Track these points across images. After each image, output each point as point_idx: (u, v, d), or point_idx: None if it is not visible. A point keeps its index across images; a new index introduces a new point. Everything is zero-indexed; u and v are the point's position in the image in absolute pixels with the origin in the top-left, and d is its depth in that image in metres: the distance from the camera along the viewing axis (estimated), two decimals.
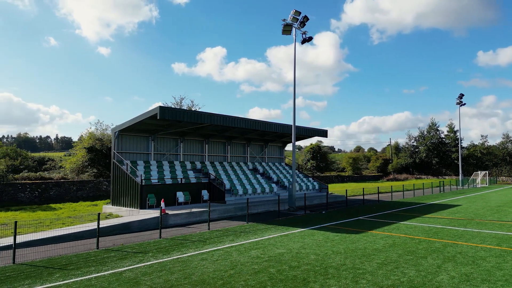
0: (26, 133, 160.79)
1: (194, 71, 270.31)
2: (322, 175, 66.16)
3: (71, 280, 9.20)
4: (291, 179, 31.46)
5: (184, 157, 27.80)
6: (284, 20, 23.84)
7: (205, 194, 23.79)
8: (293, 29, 24.57)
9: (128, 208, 21.21)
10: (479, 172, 61.86)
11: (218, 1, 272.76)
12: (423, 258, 11.18)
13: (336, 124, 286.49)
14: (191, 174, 25.47)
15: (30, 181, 30.22)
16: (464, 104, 59.74)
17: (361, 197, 33.71)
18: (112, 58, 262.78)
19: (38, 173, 33.43)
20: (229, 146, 31.08)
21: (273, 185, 28.69)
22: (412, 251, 12.14)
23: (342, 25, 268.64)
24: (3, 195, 28.34)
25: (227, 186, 25.40)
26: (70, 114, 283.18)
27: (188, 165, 27.12)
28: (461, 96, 59.33)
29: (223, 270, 10.01)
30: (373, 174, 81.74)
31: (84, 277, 9.44)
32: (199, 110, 42.77)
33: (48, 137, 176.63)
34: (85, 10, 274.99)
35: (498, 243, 13.48)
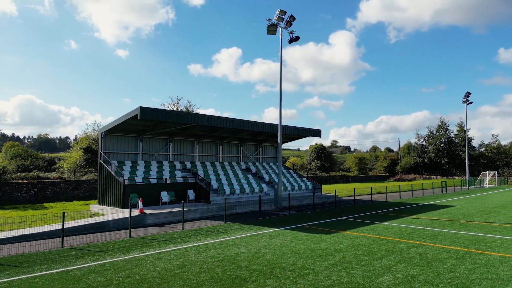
0: (46, 134, 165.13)
1: (210, 72, 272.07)
2: (327, 175, 65.71)
3: (17, 278, 9.38)
4: (284, 179, 31.38)
5: (174, 157, 28.00)
6: (269, 20, 23.78)
7: (191, 194, 23.91)
8: (279, 29, 24.49)
9: (113, 208, 21.48)
10: (487, 172, 60.43)
11: (233, 2, 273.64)
12: (378, 259, 11.01)
13: (353, 124, 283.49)
14: (178, 174, 25.63)
15: (26, 181, 30.91)
16: (471, 102, 58.48)
17: (362, 197, 33.40)
18: (129, 60, 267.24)
19: (35, 172, 34.18)
20: (221, 146, 31.16)
21: (264, 185, 28.64)
22: (372, 252, 11.96)
23: (358, 23, 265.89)
24: (0, 195, 29.06)
25: (214, 186, 25.48)
26: (90, 115, 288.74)
27: (178, 165, 27.30)
28: (468, 94, 58.06)
29: (170, 269, 10.06)
30: (380, 174, 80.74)
31: (31, 275, 9.60)
32: (196, 110, 43.10)
33: (67, 137, 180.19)
34: (104, 13, 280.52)
35: (467, 244, 13.17)
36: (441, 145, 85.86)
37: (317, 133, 32.41)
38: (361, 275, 9.38)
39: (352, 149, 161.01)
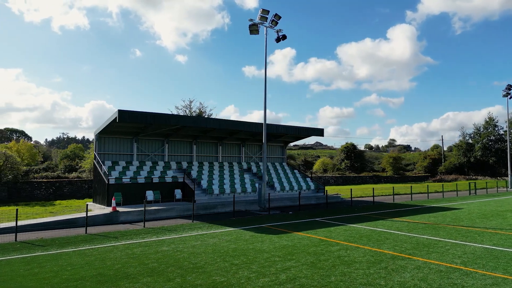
0: None
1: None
2: (356, 175, 63.73)
3: None
4: (285, 179, 31.13)
5: (170, 158, 28.87)
6: (251, 20, 23.77)
7: (178, 193, 24.58)
8: (264, 28, 24.40)
9: (100, 205, 22.73)
10: None
11: (287, 3, 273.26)
12: (288, 261, 10.77)
13: (415, 121, 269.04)
14: (170, 173, 26.41)
15: (46, 180, 33.54)
16: None
17: (368, 198, 32.15)
18: (188, 65, 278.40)
19: (56, 172, 36.95)
20: (220, 147, 31.58)
21: (257, 185, 28.59)
22: (293, 253, 11.70)
23: (419, 16, 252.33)
24: (21, 192, 31.86)
25: (204, 185, 25.95)
26: None
27: (174, 165, 28.14)
28: (510, 87, 53.33)
29: (75, 264, 10.61)
30: (419, 174, 76.65)
31: None
32: (210, 112, 43.89)
33: None
34: (165, 22, 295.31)
35: (406, 249, 12.39)
36: (489, 143, 79.74)
37: (319, 132, 31.79)
38: (244, 276, 9.28)
39: (413, 148, 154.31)
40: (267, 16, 23.99)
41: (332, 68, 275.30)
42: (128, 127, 25.13)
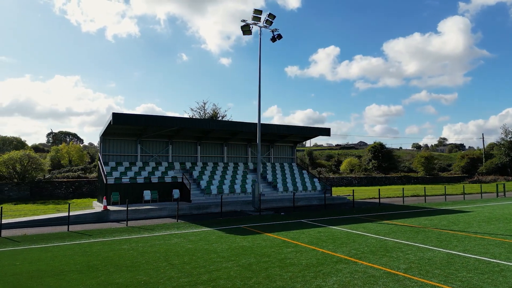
0: None
1: (307, 73, 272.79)
2: (383, 175, 61.56)
3: None
4: (290, 180, 30.86)
5: (174, 158, 29.53)
6: (244, 20, 23.82)
7: (176, 193, 25.12)
8: (258, 28, 24.37)
9: (100, 204, 23.77)
10: None
11: (330, 2, 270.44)
12: (226, 262, 10.77)
13: (471, 119, 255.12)
14: (171, 173, 27.03)
15: (66, 180, 35.56)
16: None
17: (382, 200, 31.04)
18: (232, 67, 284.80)
19: (77, 173, 39.05)
20: (226, 147, 31.83)
21: (260, 185, 28.52)
22: (239, 254, 11.68)
23: (472, 7, 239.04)
24: (43, 191, 34.01)
25: (203, 185, 26.32)
26: None
27: (177, 166, 28.79)
28: None
29: (27, 260, 11.26)
30: (455, 175, 72.65)
31: None
32: (224, 113, 44.25)
33: None
34: (209, 27, 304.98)
35: (362, 252, 11.95)
36: None
37: (326, 131, 31.18)
38: (169, 275, 9.41)
39: (467, 147, 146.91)
40: (260, 16, 23.93)
41: (378, 65, 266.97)
42: (129, 129, 26.06)
